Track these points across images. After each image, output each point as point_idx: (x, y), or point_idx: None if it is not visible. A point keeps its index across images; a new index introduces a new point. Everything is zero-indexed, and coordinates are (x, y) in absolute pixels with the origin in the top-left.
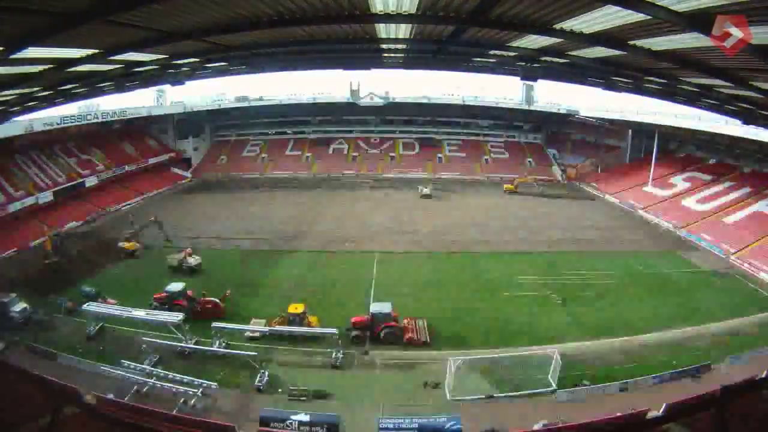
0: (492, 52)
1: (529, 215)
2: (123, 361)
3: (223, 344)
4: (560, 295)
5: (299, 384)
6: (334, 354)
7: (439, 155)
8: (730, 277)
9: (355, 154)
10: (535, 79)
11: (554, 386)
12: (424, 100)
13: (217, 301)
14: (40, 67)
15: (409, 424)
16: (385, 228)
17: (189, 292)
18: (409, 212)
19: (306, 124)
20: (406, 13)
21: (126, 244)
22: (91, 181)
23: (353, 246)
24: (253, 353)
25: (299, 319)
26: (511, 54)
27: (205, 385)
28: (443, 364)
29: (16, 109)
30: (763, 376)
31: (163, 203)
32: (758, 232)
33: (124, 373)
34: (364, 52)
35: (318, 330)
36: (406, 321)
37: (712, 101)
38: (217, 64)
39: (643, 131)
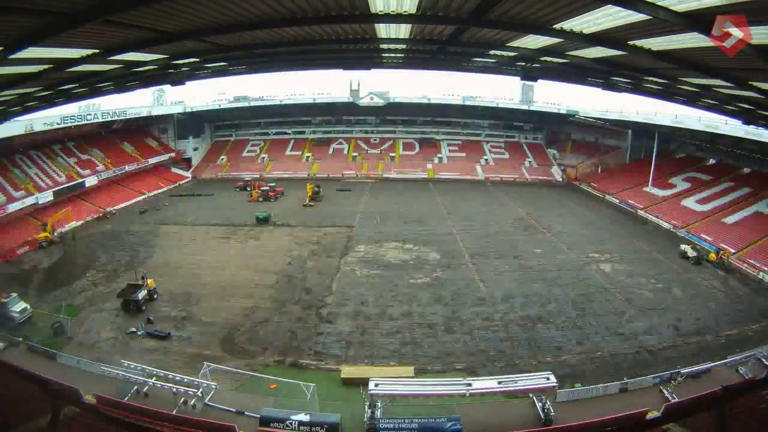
0: (492, 52)
1: None
2: (123, 360)
3: None
4: None
5: None
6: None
7: (439, 155)
8: None
9: (355, 154)
10: (535, 79)
11: None
12: (424, 101)
13: None
14: (40, 67)
15: (409, 424)
16: None
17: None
18: None
19: (306, 124)
20: (406, 13)
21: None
22: (91, 181)
23: None
24: None
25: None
26: (511, 54)
27: (204, 385)
28: None
29: (16, 109)
30: (763, 376)
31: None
32: (758, 232)
33: (124, 373)
34: (364, 52)
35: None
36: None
37: (711, 101)
38: (217, 64)
39: (643, 131)
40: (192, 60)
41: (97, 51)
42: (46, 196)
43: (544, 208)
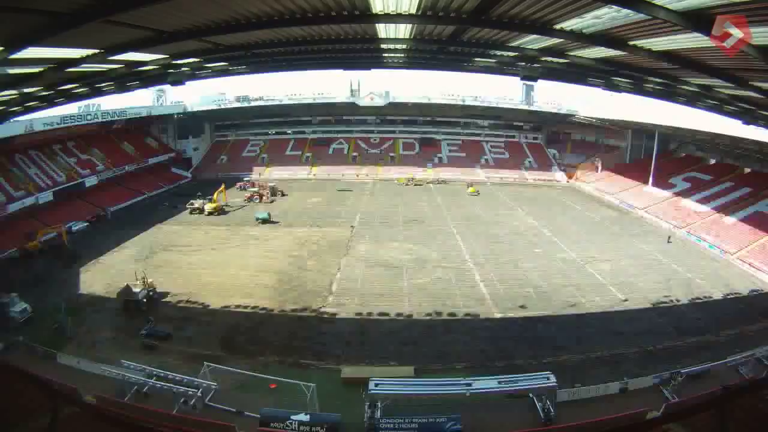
0: (492, 52)
1: None
2: (123, 360)
3: None
4: None
5: None
6: None
7: (439, 155)
8: None
9: (355, 154)
10: (535, 80)
11: None
12: (424, 101)
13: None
14: (40, 67)
15: (409, 424)
16: None
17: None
18: None
19: (306, 124)
20: (406, 13)
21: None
22: (91, 181)
23: None
24: None
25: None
26: (512, 54)
27: (204, 384)
28: None
29: (16, 109)
30: (763, 376)
31: None
32: (758, 232)
33: (124, 373)
34: (365, 52)
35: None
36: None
37: (712, 101)
38: (217, 64)
39: (643, 131)
40: (192, 60)
41: (97, 51)
42: (46, 196)
43: (544, 207)
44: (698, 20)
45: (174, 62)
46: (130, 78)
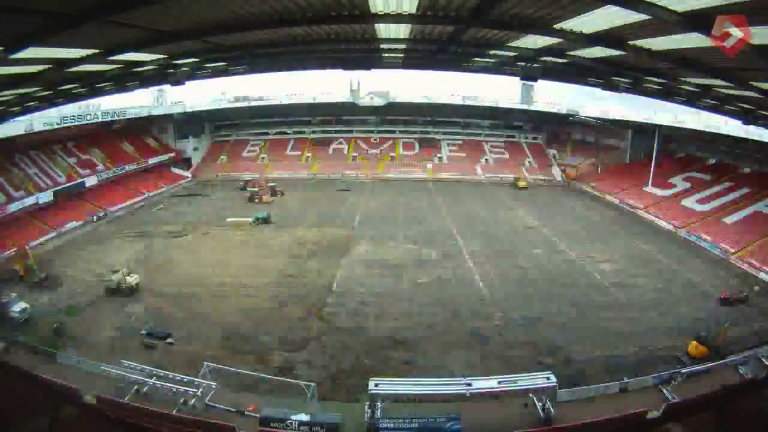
0: (492, 52)
1: None
2: (123, 360)
3: None
4: None
5: None
6: None
7: (439, 155)
8: None
9: (355, 154)
10: (535, 79)
11: None
12: (424, 101)
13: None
14: (40, 67)
15: (409, 424)
16: None
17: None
18: None
19: (306, 124)
20: (406, 13)
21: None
22: (91, 181)
23: None
24: None
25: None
26: (511, 54)
27: (204, 384)
28: None
29: (16, 109)
30: (763, 376)
31: None
32: (758, 232)
33: (124, 373)
34: (364, 52)
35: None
36: None
37: (712, 101)
38: (216, 64)
39: (643, 131)
40: (192, 60)
41: (97, 51)
42: (46, 196)
43: (544, 207)
44: (698, 20)
45: (173, 62)
46: (129, 78)
